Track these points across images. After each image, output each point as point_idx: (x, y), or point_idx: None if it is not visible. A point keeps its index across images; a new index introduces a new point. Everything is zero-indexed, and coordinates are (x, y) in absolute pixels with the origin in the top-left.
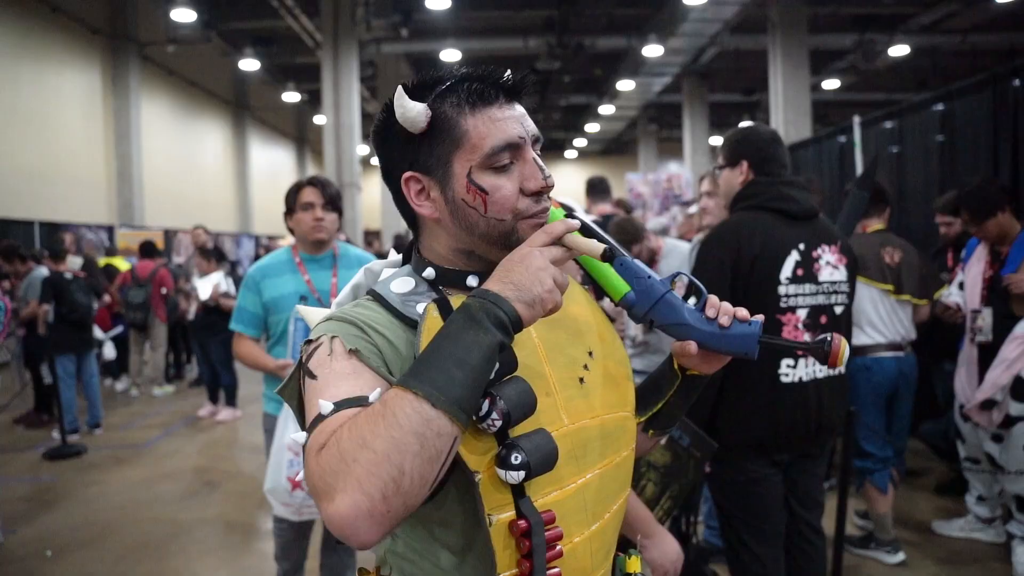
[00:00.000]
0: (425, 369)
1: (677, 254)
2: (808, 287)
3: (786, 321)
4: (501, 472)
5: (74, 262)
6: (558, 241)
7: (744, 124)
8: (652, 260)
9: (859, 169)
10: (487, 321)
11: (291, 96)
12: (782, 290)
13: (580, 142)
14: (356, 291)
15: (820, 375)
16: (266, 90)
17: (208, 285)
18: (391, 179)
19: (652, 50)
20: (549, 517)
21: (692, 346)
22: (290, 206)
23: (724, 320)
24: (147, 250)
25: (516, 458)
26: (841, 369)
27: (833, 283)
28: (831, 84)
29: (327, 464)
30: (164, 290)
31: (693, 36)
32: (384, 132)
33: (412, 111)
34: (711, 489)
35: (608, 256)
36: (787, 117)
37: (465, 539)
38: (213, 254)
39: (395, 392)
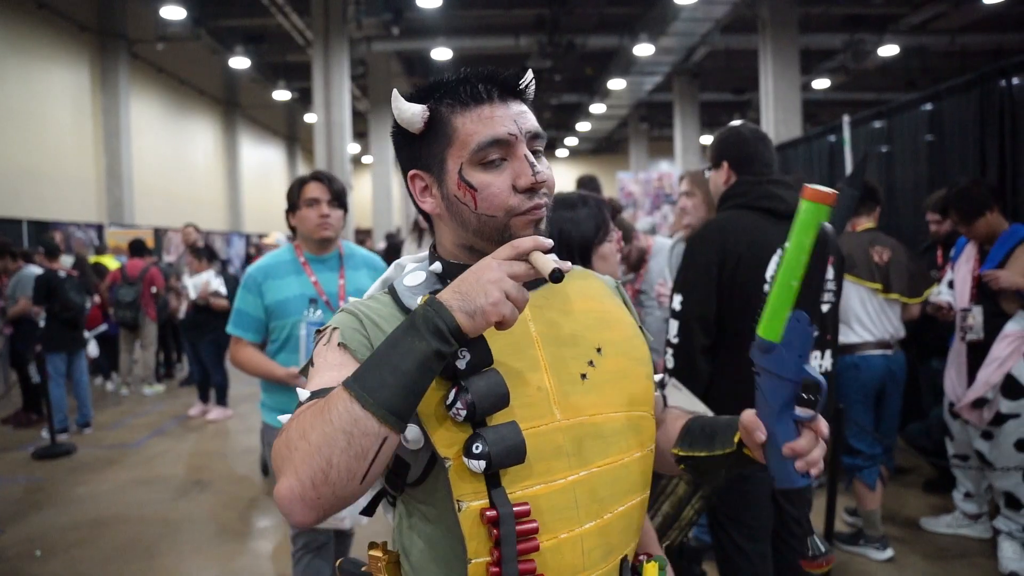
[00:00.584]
0: (364, 371)
1: (665, 252)
2: None
3: None
4: (466, 460)
5: (65, 261)
6: (525, 257)
7: (730, 124)
8: (642, 259)
9: (848, 168)
10: (424, 330)
11: (282, 94)
12: (768, 288)
13: (571, 141)
14: (384, 284)
15: None
16: (256, 88)
17: (198, 284)
18: (405, 178)
19: (643, 49)
20: (524, 510)
21: (760, 436)
22: (293, 202)
23: (799, 464)
24: (137, 249)
25: (478, 447)
26: (828, 366)
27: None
28: (821, 84)
29: (278, 448)
30: (154, 289)
31: (684, 35)
32: (396, 134)
33: (407, 112)
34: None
35: (556, 277)
36: (777, 116)
37: (443, 523)
38: (204, 253)
39: (337, 391)
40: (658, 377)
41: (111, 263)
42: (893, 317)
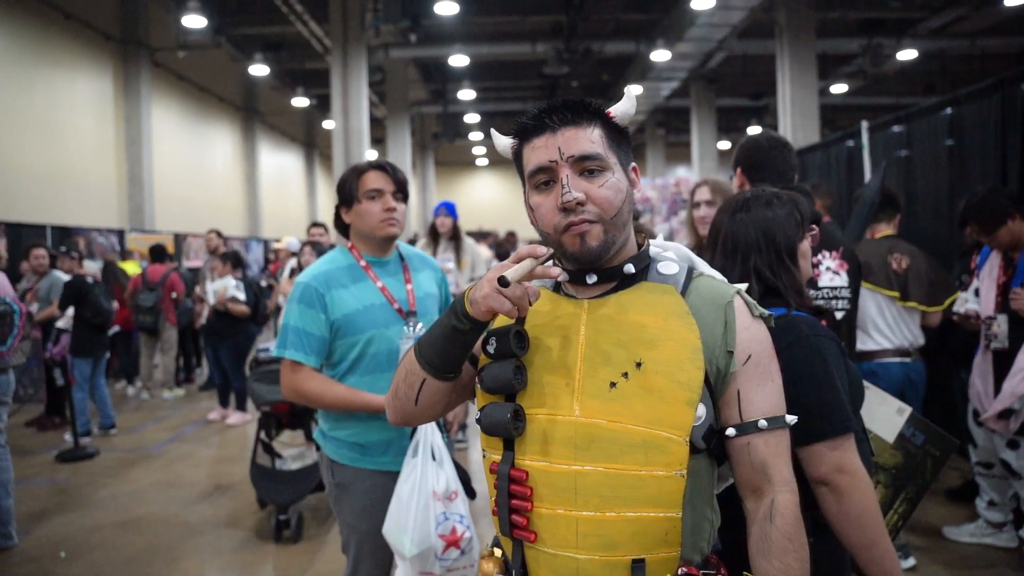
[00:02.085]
0: (424, 335)
1: None
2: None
3: None
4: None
5: (90, 266)
6: (520, 261)
7: (752, 132)
8: None
9: (867, 174)
10: (451, 311)
11: (300, 101)
12: None
13: None
14: None
15: None
16: (275, 95)
17: (217, 289)
18: None
19: (660, 55)
20: (520, 475)
21: None
22: (348, 196)
23: None
24: (157, 254)
25: (477, 415)
26: None
27: (833, 288)
28: (839, 88)
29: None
30: (174, 294)
31: (701, 41)
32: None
33: (499, 145)
34: None
35: (502, 282)
36: (795, 122)
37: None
38: (229, 258)
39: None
40: (738, 424)
41: (135, 268)
42: (912, 325)
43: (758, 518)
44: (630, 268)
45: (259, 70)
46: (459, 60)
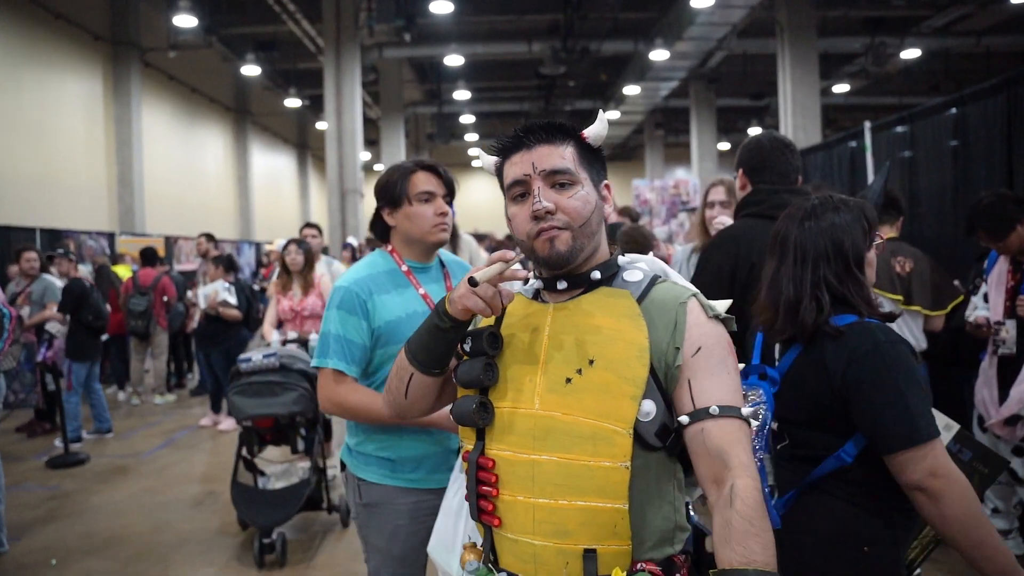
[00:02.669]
0: (414, 332)
1: (683, 263)
2: None
3: None
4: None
5: (81, 270)
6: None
7: (756, 133)
8: None
9: (870, 175)
10: (434, 310)
11: (293, 102)
12: None
13: None
14: None
15: None
16: (267, 96)
17: (208, 293)
18: None
19: (659, 54)
20: (488, 463)
21: None
22: (395, 197)
23: None
24: (148, 257)
25: (451, 407)
26: None
27: None
28: (841, 88)
29: None
30: (166, 298)
31: (700, 40)
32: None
33: (485, 162)
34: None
35: (472, 282)
36: (796, 122)
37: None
38: (222, 262)
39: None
40: (691, 412)
41: (126, 272)
42: (915, 328)
43: (719, 505)
44: (596, 275)
45: (251, 70)
46: (454, 60)
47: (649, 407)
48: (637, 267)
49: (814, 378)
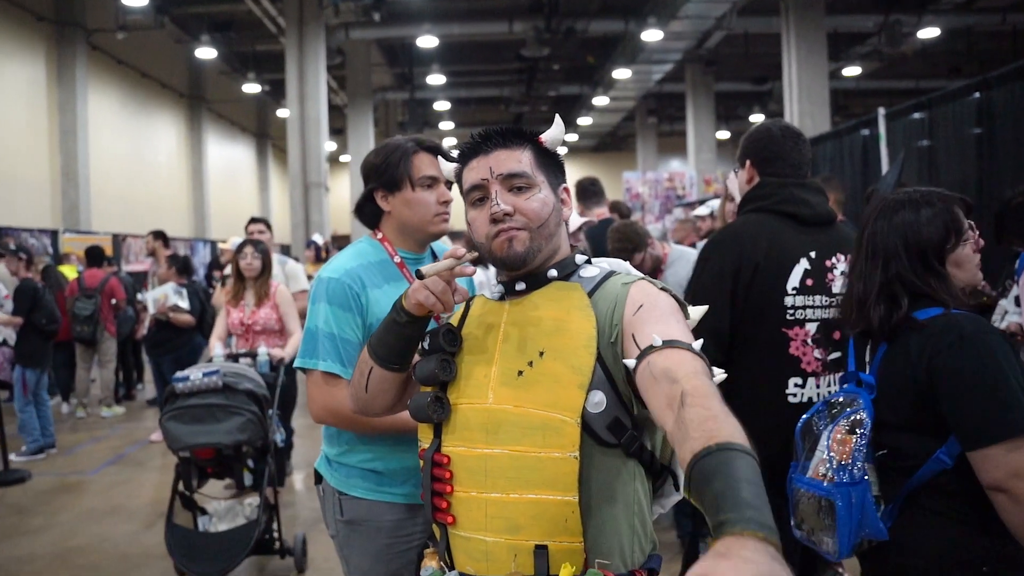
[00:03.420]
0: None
1: (684, 262)
2: (819, 299)
3: (793, 335)
4: None
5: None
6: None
7: (759, 121)
8: (657, 268)
9: (884, 166)
10: (394, 305)
11: (251, 87)
12: (789, 301)
13: (571, 137)
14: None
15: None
16: (224, 81)
17: (157, 297)
18: None
19: (651, 34)
20: (443, 459)
21: None
22: (393, 179)
23: None
24: (95, 257)
25: (408, 402)
26: None
27: None
28: (852, 71)
29: None
30: (114, 301)
31: (697, 18)
32: None
33: (445, 168)
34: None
35: (418, 275)
36: (803, 108)
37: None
38: (177, 262)
39: None
40: (637, 356)
41: (72, 273)
42: None
43: (672, 417)
44: (553, 272)
45: (206, 53)
46: (427, 41)
47: (599, 397)
48: (598, 266)
49: (900, 374)
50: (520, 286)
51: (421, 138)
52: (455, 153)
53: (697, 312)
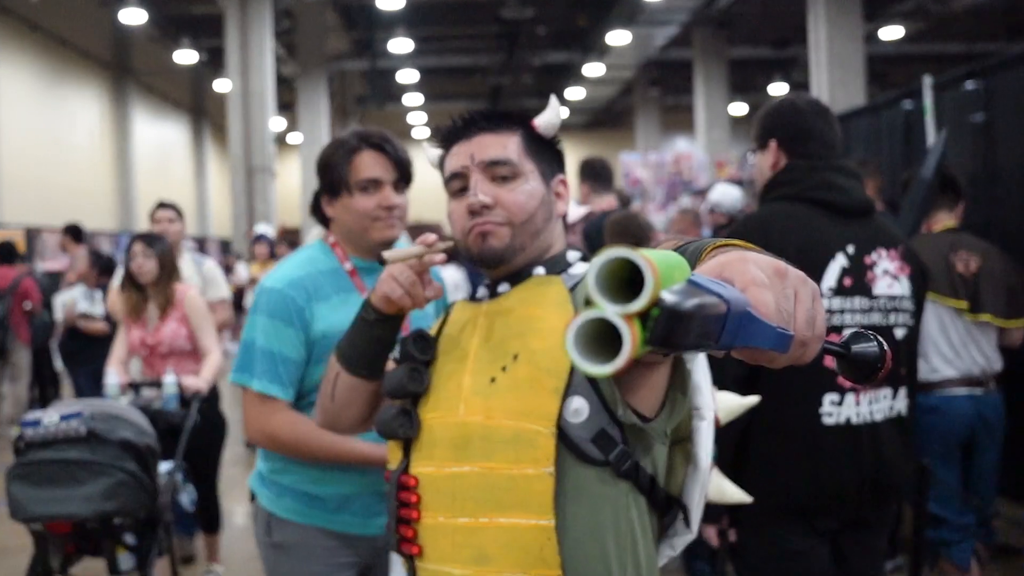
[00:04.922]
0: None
1: None
2: (859, 301)
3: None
4: None
5: None
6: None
7: (783, 95)
8: None
9: (931, 144)
10: (364, 301)
11: (186, 56)
12: (824, 304)
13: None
14: None
15: (878, 416)
16: (154, 49)
17: (66, 302)
18: None
19: None
20: (409, 481)
21: None
22: (333, 183)
23: None
24: (5, 253)
25: (375, 417)
26: (902, 409)
27: (892, 298)
28: (892, 33)
29: None
30: (28, 304)
31: None
32: None
33: (429, 156)
34: (736, 565)
35: (379, 260)
36: (832, 78)
37: None
38: (100, 263)
39: None
40: None
41: None
42: (985, 345)
43: None
44: (540, 271)
45: (133, 16)
46: (391, 1)
47: (579, 404)
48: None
49: None
50: (503, 287)
51: (369, 132)
52: (427, 142)
53: (729, 412)
